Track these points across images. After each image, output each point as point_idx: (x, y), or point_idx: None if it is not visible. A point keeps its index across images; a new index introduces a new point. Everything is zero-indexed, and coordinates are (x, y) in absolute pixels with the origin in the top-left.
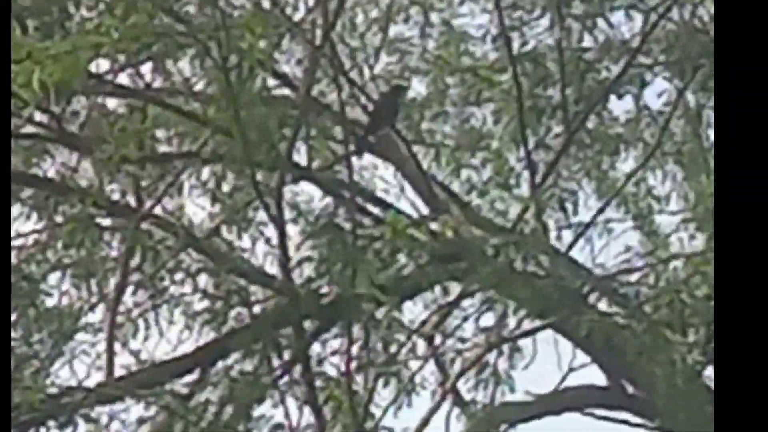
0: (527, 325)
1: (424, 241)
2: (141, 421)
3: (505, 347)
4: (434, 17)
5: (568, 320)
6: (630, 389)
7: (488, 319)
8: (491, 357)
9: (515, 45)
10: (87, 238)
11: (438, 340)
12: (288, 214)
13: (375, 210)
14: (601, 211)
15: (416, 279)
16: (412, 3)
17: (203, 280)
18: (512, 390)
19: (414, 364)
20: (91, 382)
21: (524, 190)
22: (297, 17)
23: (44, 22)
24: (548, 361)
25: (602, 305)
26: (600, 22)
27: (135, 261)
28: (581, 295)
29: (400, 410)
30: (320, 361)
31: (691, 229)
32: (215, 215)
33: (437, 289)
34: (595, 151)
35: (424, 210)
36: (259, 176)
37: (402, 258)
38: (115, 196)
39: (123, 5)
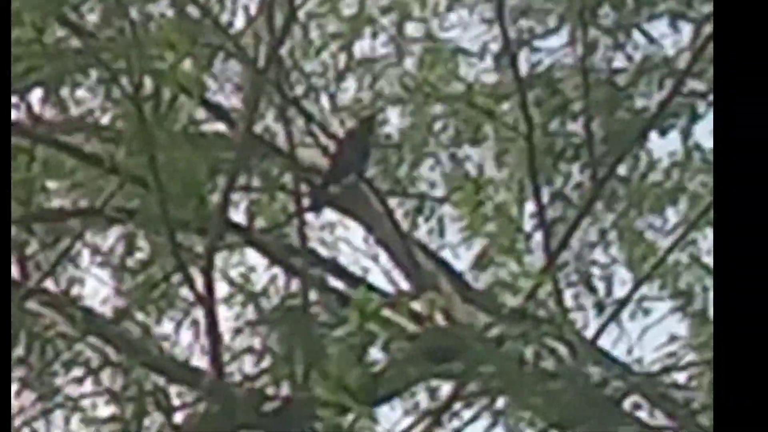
0: None
1: (404, 326)
2: None
3: None
4: (412, 29)
5: None
6: None
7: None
8: None
9: (523, 65)
10: None
11: None
12: (221, 289)
13: (338, 285)
14: (637, 286)
15: (393, 377)
16: (384, 11)
17: (108, 377)
18: None
19: None
20: None
21: (537, 257)
22: (234, 30)
23: None
24: None
25: (642, 414)
26: (636, 35)
27: (18, 352)
28: (614, 401)
29: None
30: None
31: None
32: (125, 292)
33: (421, 390)
34: (629, 206)
35: (405, 285)
36: (182, 240)
37: (374, 350)
38: None
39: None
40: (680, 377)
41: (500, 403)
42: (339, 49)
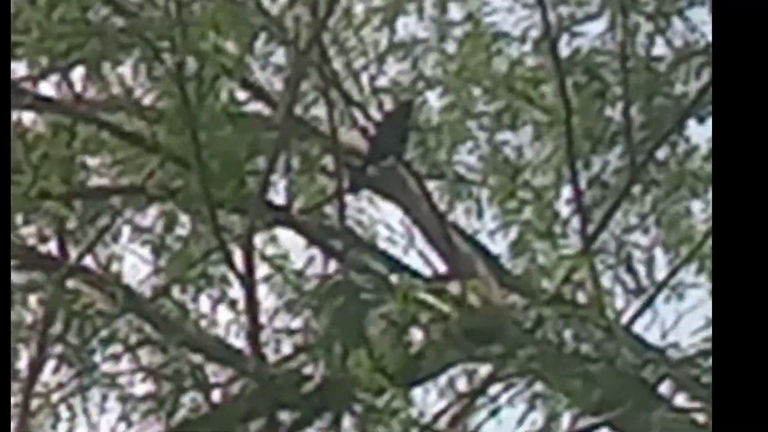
0: (580, 423)
1: (442, 310)
2: None
3: None
4: (455, 11)
5: (633, 418)
6: None
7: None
8: None
9: (563, 49)
10: None
11: None
12: (260, 270)
13: (376, 266)
14: (675, 271)
15: (431, 359)
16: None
17: (146, 355)
18: None
19: None
20: None
21: (574, 242)
22: (276, 11)
23: None
24: None
25: (679, 399)
26: (676, 21)
27: (56, 329)
28: (650, 385)
29: None
30: None
31: None
32: (163, 270)
33: (456, 372)
34: (667, 191)
35: (442, 268)
36: (222, 219)
37: (413, 332)
38: (32, 243)
39: None
40: None
41: (537, 387)
42: (380, 27)
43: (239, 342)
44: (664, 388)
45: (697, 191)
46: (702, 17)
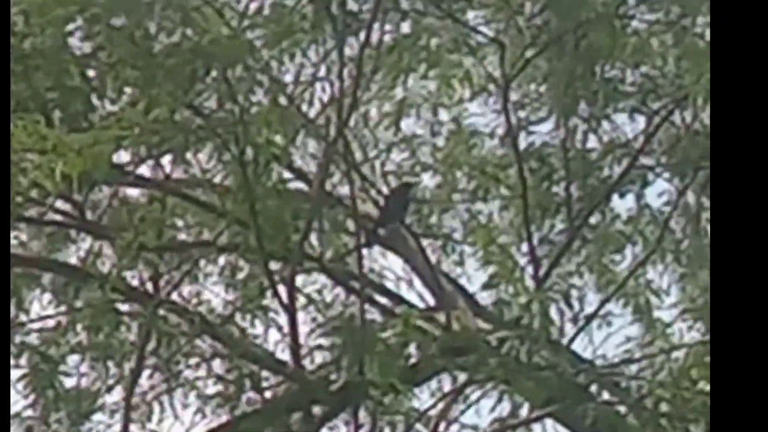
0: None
1: (432, 332)
2: None
3: None
4: (443, 115)
5: (572, 410)
6: None
7: (490, 408)
8: None
9: (522, 143)
10: (105, 323)
11: (442, 427)
12: (299, 303)
13: (383, 300)
14: (603, 304)
15: (423, 368)
16: (424, 100)
17: (217, 364)
18: None
19: None
20: None
21: (529, 284)
22: (312, 113)
23: (68, 114)
24: None
25: (605, 396)
26: (604, 123)
27: (151, 345)
28: (583, 387)
29: None
30: None
31: (689, 321)
32: (229, 302)
33: (443, 377)
34: (597, 246)
35: (431, 301)
36: (272, 266)
37: (411, 348)
38: (134, 283)
39: (145, 100)
40: (633, 369)
41: (502, 387)
42: (388, 125)
43: (284, 355)
44: (593, 388)
45: (620, 247)
46: (623, 120)
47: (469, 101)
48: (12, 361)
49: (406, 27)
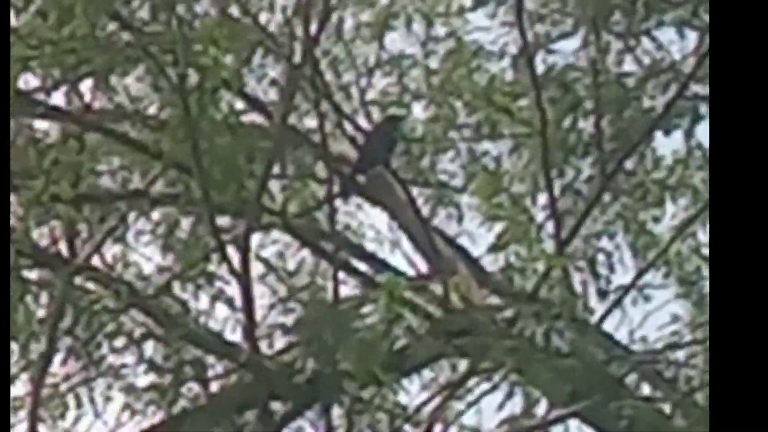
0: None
1: (425, 308)
2: None
3: None
4: (439, 29)
5: (602, 408)
6: None
7: (498, 405)
8: None
9: (539, 65)
10: None
11: (438, 429)
12: (256, 269)
13: (364, 267)
14: (641, 274)
15: (413, 353)
16: (414, 9)
17: (149, 348)
18: None
19: None
20: None
21: (548, 246)
22: (272, 27)
23: None
24: None
25: (644, 389)
26: (645, 40)
27: (66, 323)
28: (617, 378)
29: None
30: None
31: None
32: (166, 269)
33: (439, 366)
34: (634, 199)
35: (424, 267)
36: (220, 222)
37: (397, 328)
38: (44, 243)
39: (58, 10)
40: (680, 356)
41: (514, 377)
42: (369, 39)
43: (236, 337)
44: (630, 380)
45: (663, 200)
46: (668, 36)
47: (471, 10)
48: None
49: None
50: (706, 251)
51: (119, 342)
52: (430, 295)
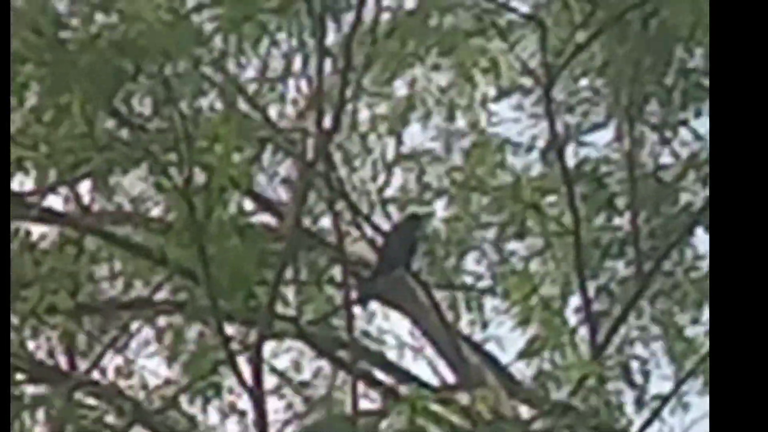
0: None
1: (451, 420)
2: None
3: None
4: (461, 121)
5: None
6: None
7: None
8: None
9: (570, 158)
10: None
11: None
12: (269, 381)
13: (383, 377)
14: (681, 383)
15: None
16: (435, 101)
17: None
18: None
19: None
20: None
21: (583, 352)
22: (282, 123)
23: None
24: None
25: None
26: (682, 131)
27: None
28: None
29: None
30: None
31: None
32: (172, 381)
33: None
34: (673, 300)
35: (451, 378)
36: (230, 330)
37: None
38: (41, 356)
39: (53, 108)
40: None
41: None
42: (385, 134)
43: None
44: None
45: (703, 300)
46: (707, 125)
47: (496, 101)
48: None
49: (410, 1)
50: None
51: None
52: (457, 407)
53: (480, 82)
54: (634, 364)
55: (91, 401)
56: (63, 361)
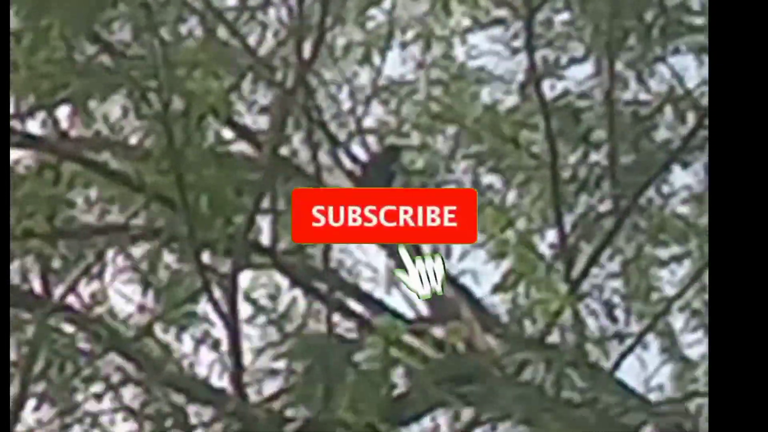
0: None
1: (425, 352)
2: None
3: None
4: (437, 51)
5: None
6: None
7: None
8: None
9: (548, 92)
10: None
11: None
12: (244, 310)
13: (359, 308)
14: (658, 317)
15: (414, 402)
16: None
17: (129, 394)
18: None
19: None
20: None
21: (558, 285)
22: (262, 50)
23: None
24: None
25: None
26: (662, 66)
27: (39, 366)
28: (632, 429)
29: None
30: None
31: None
32: (147, 309)
33: (440, 414)
34: (651, 235)
35: (424, 309)
36: (206, 259)
37: (396, 374)
38: (15, 281)
39: (32, 32)
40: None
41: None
42: (361, 60)
43: (222, 382)
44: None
45: (682, 236)
46: (685, 62)
47: (473, 32)
48: None
49: None
50: None
51: (96, 387)
52: (431, 339)
53: (456, 11)
54: (615, 299)
55: (65, 327)
56: (38, 287)
